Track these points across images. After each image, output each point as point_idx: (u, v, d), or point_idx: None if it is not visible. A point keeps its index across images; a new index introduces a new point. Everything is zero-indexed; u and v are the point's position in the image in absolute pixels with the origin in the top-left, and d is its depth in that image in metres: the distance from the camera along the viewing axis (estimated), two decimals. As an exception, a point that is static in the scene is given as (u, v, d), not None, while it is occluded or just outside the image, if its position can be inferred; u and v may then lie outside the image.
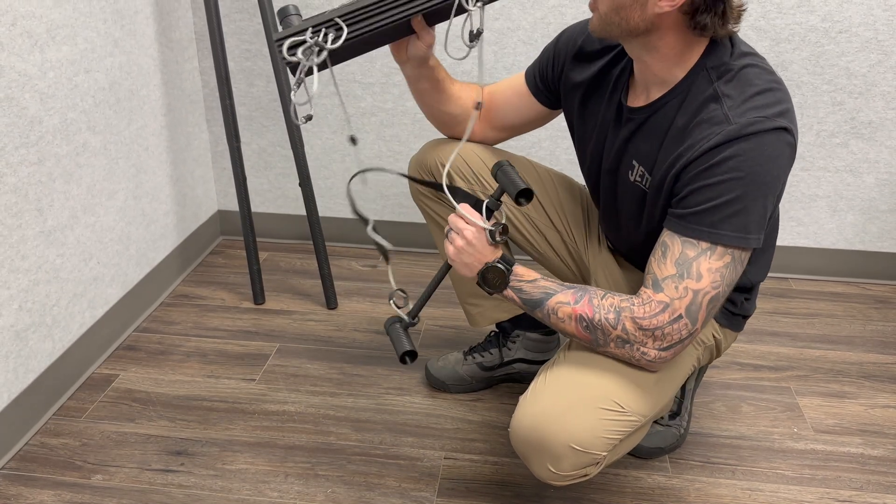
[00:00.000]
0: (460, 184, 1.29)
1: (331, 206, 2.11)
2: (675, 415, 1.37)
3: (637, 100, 1.06)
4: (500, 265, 1.01)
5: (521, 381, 1.53)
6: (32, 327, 1.39)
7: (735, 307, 1.15)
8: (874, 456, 1.36)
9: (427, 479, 1.30)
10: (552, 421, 0.99)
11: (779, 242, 1.99)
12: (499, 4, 1.79)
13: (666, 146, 0.99)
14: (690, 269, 0.93)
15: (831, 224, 1.95)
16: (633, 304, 0.95)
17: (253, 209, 2.13)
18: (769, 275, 2.00)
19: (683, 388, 1.39)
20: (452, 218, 1.04)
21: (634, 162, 1.06)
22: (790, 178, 1.90)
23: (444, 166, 1.27)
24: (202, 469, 1.31)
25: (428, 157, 1.30)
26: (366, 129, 1.99)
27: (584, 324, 0.98)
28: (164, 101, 1.80)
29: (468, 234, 1.02)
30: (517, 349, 1.50)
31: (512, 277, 1.02)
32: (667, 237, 0.97)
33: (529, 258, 1.39)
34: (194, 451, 1.35)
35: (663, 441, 1.34)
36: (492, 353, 1.50)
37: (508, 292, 1.03)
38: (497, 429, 1.42)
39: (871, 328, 1.78)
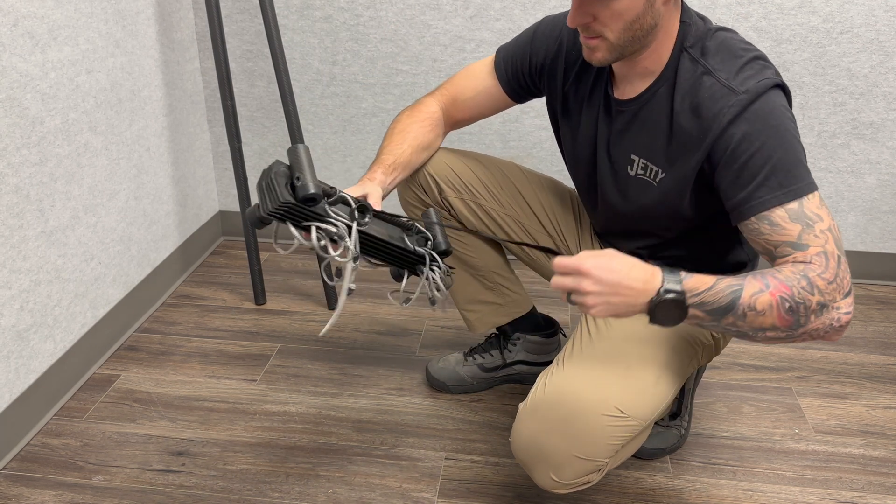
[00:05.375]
0: (450, 194, 1.27)
1: (332, 206, 2.11)
2: (675, 415, 1.37)
3: (623, 92, 1.05)
4: (669, 297, 0.84)
5: (522, 382, 1.53)
6: (34, 327, 1.39)
7: None
8: (875, 457, 1.36)
9: (428, 479, 1.30)
10: (553, 430, 0.99)
11: (780, 243, 1.98)
12: (500, 5, 1.79)
13: (676, 136, 0.98)
14: (807, 216, 0.89)
15: (833, 225, 1.95)
16: (807, 265, 0.87)
17: (254, 210, 2.13)
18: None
19: (683, 388, 1.39)
20: (571, 280, 0.86)
21: (633, 156, 1.05)
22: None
23: (433, 178, 1.26)
24: (203, 469, 1.31)
25: (418, 171, 1.27)
26: (367, 129, 1.99)
27: (788, 305, 0.85)
28: (166, 101, 1.80)
29: (591, 287, 0.84)
30: (518, 351, 1.49)
31: (689, 298, 0.85)
32: (756, 221, 0.91)
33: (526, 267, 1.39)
34: (195, 452, 1.35)
35: (664, 442, 1.34)
36: (492, 355, 1.50)
37: (691, 311, 0.86)
38: (498, 429, 1.42)
39: (872, 329, 1.78)
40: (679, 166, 0.99)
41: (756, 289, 0.86)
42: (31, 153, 1.34)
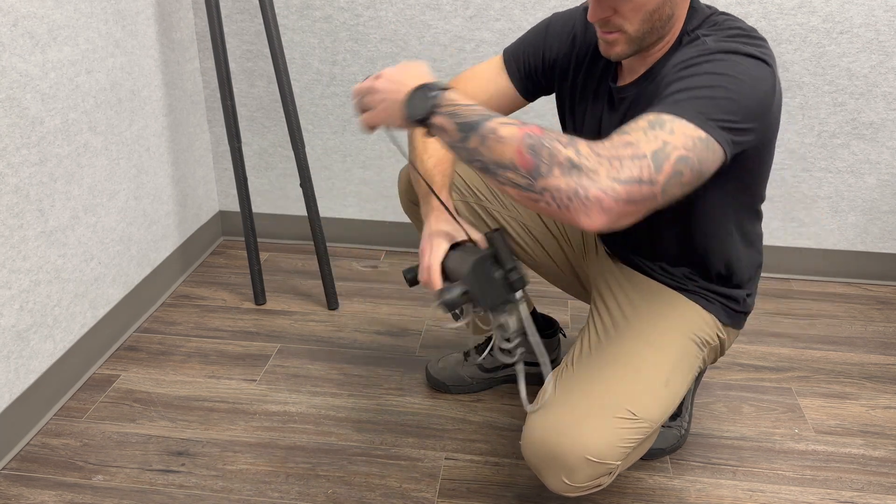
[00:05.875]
0: (454, 197, 1.26)
1: (332, 206, 2.11)
2: (675, 416, 1.37)
3: (625, 80, 1.05)
4: (422, 87, 0.85)
5: (522, 381, 1.53)
6: (34, 328, 1.39)
7: (738, 305, 1.15)
8: (875, 457, 1.36)
9: (428, 479, 1.30)
10: (565, 433, 0.98)
11: (780, 243, 1.99)
12: (499, 5, 1.79)
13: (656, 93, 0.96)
14: (663, 125, 0.80)
15: (833, 225, 1.95)
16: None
17: (254, 209, 2.13)
18: (770, 275, 2.00)
19: (684, 388, 1.39)
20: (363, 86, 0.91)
21: None
22: (791, 179, 1.90)
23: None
24: (203, 469, 1.31)
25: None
26: (367, 129, 1.99)
27: (530, 142, 0.78)
28: (166, 101, 1.80)
29: (380, 83, 0.89)
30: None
31: (441, 99, 0.84)
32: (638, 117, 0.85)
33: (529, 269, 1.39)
34: (195, 452, 1.35)
35: (664, 442, 1.34)
36: (492, 356, 1.50)
37: (439, 118, 0.83)
38: (498, 429, 1.42)
39: (872, 329, 1.78)
40: None
41: (508, 120, 0.81)
42: (31, 153, 1.34)
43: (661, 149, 0.78)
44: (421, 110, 0.84)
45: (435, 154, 1.12)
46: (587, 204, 0.76)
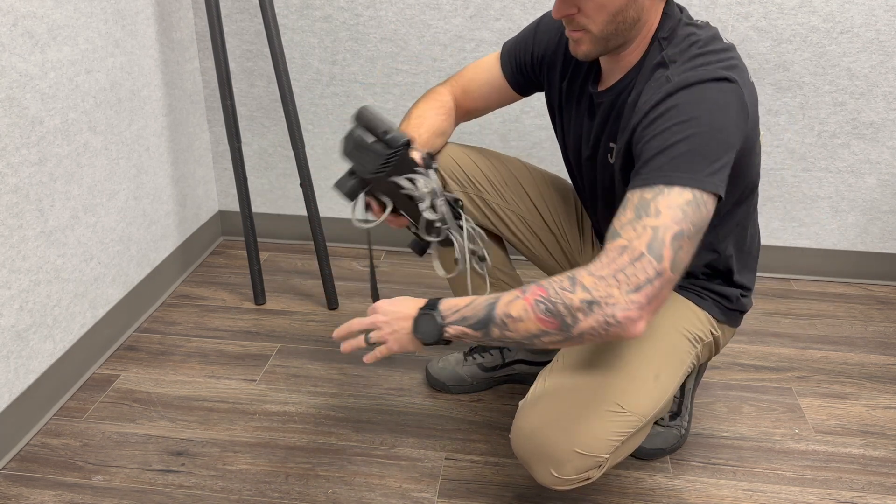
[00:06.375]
0: (453, 187, 1.28)
1: (332, 206, 2.11)
2: (675, 415, 1.37)
3: (605, 84, 1.06)
4: (423, 313, 0.94)
5: (522, 381, 1.53)
6: (33, 327, 1.39)
7: (731, 303, 1.15)
8: (875, 457, 1.36)
9: (428, 479, 1.29)
10: (554, 426, 0.99)
11: (780, 243, 1.98)
12: (499, 4, 1.79)
13: (625, 117, 0.99)
14: (648, 208, 0.85)
15: (833, 225, 1.95)
16: (589, 265, 0.86)
17: (254, 209, 2.13)
18: (770, 275, 2.00)
19: (683, 387, 1.39)
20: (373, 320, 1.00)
21: (611, 144, 1.06)
22: (791, 179, 1.90)
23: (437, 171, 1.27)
24: (203, 469, 1.31)
25: None
26: (367, 129, 1.99)
27: (543, 306, 0.85)
28: (165, 101, 1.80)
29: (380, 318, 0.99)
30: (517, 350, 1.49)
31: (444, 311, 0.93)
32: (627, 194, 0.90)
33: (524, 258, 1.39)
34: (195, 452, 1.35)
35: (664, 442, 1.34)
36: (492, 354, 1.50)
37: (452, 329, 0.92)
38: (498, 429, 1.42)
39: (872, 329, 1.78)
40: (622, 148, 1.00)
41: (512, 297, 0.88)
42: (31, 153, 1.34)
43: (653, 238, 0.83)
44: (434, 333, 0.94)
45: (426, 123, 1.19)
46: (621, 325, 0.83)
